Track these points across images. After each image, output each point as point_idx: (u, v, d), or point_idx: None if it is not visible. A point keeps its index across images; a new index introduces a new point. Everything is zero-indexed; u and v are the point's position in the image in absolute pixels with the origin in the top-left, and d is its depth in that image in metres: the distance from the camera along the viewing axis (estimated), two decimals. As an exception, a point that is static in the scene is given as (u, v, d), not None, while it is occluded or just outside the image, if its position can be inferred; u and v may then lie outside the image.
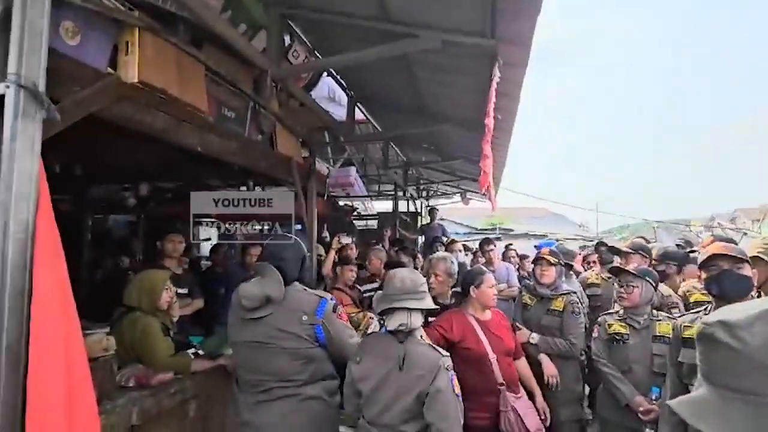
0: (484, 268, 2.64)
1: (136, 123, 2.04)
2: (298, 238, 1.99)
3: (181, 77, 2.29)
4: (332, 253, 3.86)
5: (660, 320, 2.46)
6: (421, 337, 1.75)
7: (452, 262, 2.79)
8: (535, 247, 4.32)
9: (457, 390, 1.62)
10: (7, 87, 1.27)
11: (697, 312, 2.02)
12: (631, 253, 3.26)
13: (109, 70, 1.98)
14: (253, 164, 3.03)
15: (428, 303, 1.76)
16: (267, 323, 1.73)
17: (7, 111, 1.27)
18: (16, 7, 1.30)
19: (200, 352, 2.54)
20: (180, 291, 3.06)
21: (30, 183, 1.30)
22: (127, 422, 1.84)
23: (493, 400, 2.20)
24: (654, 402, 2.25)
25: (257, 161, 3.08)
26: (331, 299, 1.83)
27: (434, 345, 1.75)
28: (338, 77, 4.28)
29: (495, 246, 4.32)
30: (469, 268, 3.04)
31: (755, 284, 1.86)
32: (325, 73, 4.06)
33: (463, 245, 5.51)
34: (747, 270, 1.81)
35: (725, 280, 1.81)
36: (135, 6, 2.04)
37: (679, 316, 2.15)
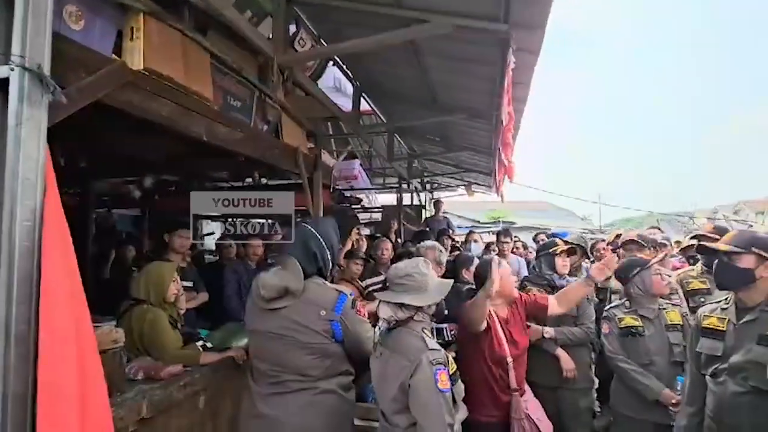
0: (498, 257, 2.59)
1: (141, 110, 1.99)
2: (311, 229, 1.81)
3: (187, 65, 2.24)
4: (349, 244, 3.81)
5: (665, 309, 2.43)
6: (423, 329, 1.69)
7: (440, 251, 2.79)
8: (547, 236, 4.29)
9: (442, 386, 1.51)
10: (12, 69, 1.22)
11: (718, 302, 1.97)
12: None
13: (114, 56, 1.93)
14: (259, 154, 2.98)
15: (401, 297, 1.66)
16: (284, 315, 1.68)
17: (11, 95, 1.22)
18: (19, -14, 1.25)
19: (208, 344, 2.51)
20: (185, 284, 3.02)
21: (36, 169, 1.26)
22: (137, 415, 1.81)
23: (505, 399, 2.17)
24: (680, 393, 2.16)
25: (263, 151, 3.03)
26: (351, 294, 1.79)
27: (426, 338, 1.64)
28: (344, 67, 4.21)
29: (511, 239, 4.28)
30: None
31: None
32: (331, 63, 4.00)
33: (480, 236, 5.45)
34: (744, 261, 1.74)
35: (717, 271, 1.86)
36: (140, -10, 1.99)
37: (702, 306, 2.11)
